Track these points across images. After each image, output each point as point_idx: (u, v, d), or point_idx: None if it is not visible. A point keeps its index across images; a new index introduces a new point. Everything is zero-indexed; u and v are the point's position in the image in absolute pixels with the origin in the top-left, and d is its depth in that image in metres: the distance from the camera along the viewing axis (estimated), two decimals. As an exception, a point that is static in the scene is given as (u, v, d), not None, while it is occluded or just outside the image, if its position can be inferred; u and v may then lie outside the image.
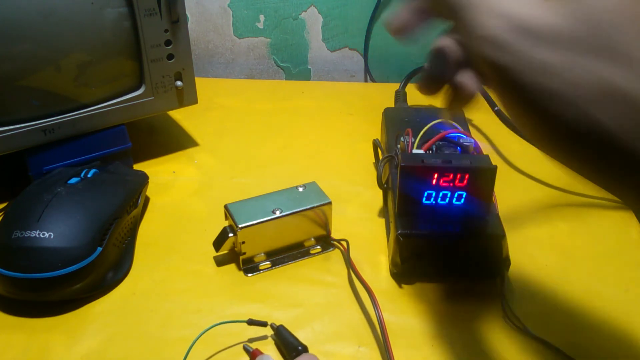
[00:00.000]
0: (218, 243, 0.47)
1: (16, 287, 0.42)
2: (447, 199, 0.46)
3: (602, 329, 0.43)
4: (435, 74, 0.32)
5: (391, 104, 0.67)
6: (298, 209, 0.47)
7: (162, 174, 0.59)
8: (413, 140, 0.52)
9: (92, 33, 0.51)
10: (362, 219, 0.53)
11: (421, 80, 0.33)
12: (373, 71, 0.81)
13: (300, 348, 0.39)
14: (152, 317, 0.43)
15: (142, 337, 0.42)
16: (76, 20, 0.50)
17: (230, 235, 0.46)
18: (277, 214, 0.47)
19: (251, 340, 0.41)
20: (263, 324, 0.41)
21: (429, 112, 0.61)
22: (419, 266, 0.46)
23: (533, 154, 0.55)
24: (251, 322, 0.41)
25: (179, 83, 0.58)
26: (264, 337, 0.41)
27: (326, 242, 0.50)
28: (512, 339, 0.42)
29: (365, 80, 0.83)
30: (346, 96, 0.74)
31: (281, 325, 0.41)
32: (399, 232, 0.45)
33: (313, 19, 0.78)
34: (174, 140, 0.65)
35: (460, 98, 0.32)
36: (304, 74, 0.82)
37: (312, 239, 0.49)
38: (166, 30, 0.55)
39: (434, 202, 0.46)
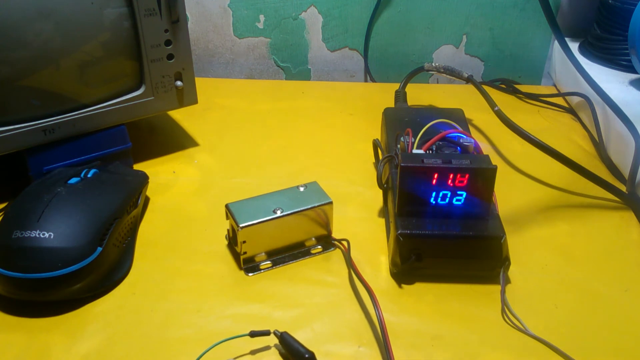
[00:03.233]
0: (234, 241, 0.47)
1: (16, 287, 0.42)
2: (447, 199, 0.46)
3: (602, 329, 0.43)
4: None
5: (391, 104, 0.67)
6: (299, 209, 0.47)
7: (162, 174, 0.59)
8: (413, 140, 0.52)
9: (92, 33, 0.51)
10: (362, 219, 0.53)
11: None
12: (373, 71, 0.81)
13: (307, 356, 0.39)
14: (152, 317, 0.43)
15: (142, 337, 0.42)
16: (76, 20, 0.50)
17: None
18: (278, 213, 0.47)
19: (253, 352, 0.40)
20: (266, 333, 0.40)
21: (429, 112, 0.61)
22: (419, 266, 0.46)
23: (533, 154, 0.55)
24: (254, 334, 0.40)
25: (179, 83, 0.58)
26: (267, 348, 0.41)
27: (327, 241, 0.50)
28: (512, 339, 0.42)
29: (365, 80, 0.83)
30: (346, 96, 0.75)
31: (285, 332, 0.40)
32: (399, 232, 0.45)
33: (313, 19, 0.78)
34: (174, 140, 0.65)
35: None
36: (304, 74, 0.82)
37: (313, 239, 0.49)
38: (166, 30, 0.55)
39: (434, 202, 0.46)
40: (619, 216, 0.54)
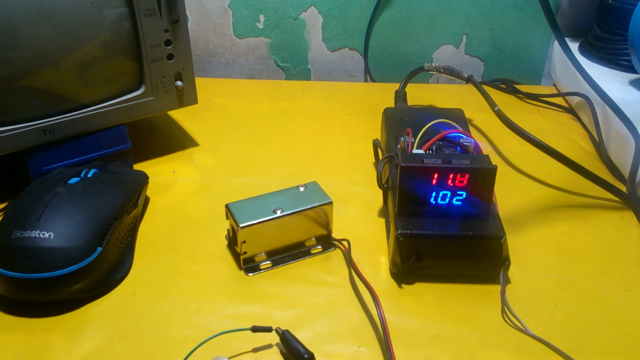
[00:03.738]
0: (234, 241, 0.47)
1: (16, 287, 0.42)
2: (447, 199, 0.46)
3: (602, 329, 0.43)
4: None
5: (391, 104, 0.67)
6: (299, 209, 0.47)
7: (162, 174, 0.59)
8: (413, 140, 0.52)
9: (92, 33, 0.51)
10: (362, 219, 0.53)
11: None
12: (373, 71, 0.81)
13: (306, 356, 0.39)
14: (152, 317, 0.43)
15: (142, 337, 0.42)
16: (76, 20, 0.50)
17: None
18: (278, 213, 0.47)
19: (255, 350, 0.40)
20: (268, 330, 0.40)
21: (429, 112, 0.61)
22: (419, 266, 0.46)
23: (533, 154, 0.55)
24: (255, 329, 0.40)
25: (179, 83, 0.58)
26: (268, 346, 0.41)
27: (327, 241, 0.50)
28: (512, 339, 0.42)
29: (365, 80, 0.83)
30: (346, 96, 0.75)
31: (286, 331, 0.40)
32: (399, 232, 0.45)
33: (313, 19, 0.78)
34: (174, 140, 0.65)
35: None
36: (304, 74, 0.82)
37: (313, 239, 0.49)
38: (166, 30, 0.55)
39: (434, 202, 0.46)
40: (619, 216, 0.54)
